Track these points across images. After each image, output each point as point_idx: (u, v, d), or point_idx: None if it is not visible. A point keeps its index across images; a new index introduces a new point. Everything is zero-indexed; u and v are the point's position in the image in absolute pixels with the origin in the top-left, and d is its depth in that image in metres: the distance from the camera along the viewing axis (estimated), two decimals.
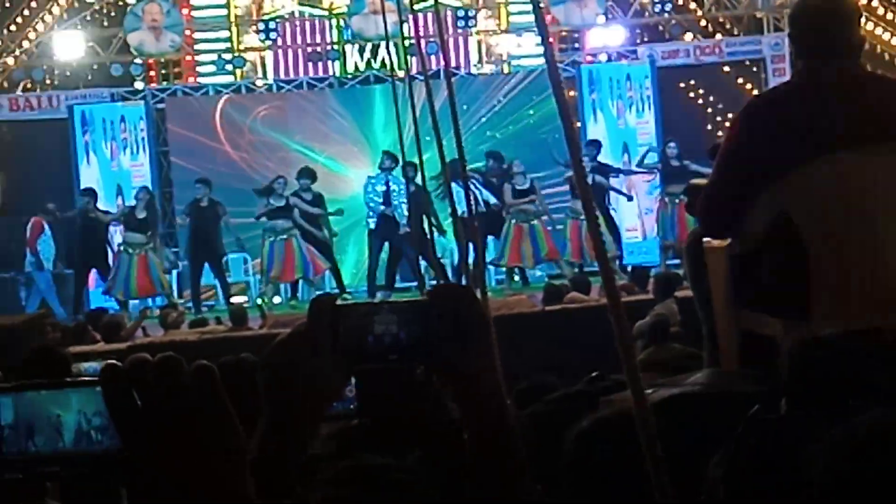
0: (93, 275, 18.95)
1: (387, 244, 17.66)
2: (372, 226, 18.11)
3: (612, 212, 18.69)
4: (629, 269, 16.74)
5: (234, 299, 18.02)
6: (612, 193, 18.87)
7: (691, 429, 2.94)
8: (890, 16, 22.16)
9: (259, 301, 17.88)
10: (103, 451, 1.44)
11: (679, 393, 3.22)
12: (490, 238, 17.47)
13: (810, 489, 1.84)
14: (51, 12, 21.63)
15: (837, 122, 3.65)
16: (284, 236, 17.61)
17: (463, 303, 1.73)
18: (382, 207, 17.78)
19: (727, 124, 3.90)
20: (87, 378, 1.46)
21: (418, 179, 13.62)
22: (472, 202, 4.80)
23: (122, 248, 18.02)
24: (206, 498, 1.30)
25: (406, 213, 17.07)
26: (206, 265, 18.13)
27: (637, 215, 20.10)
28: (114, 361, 1.34)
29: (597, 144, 18.94)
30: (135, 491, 1.34)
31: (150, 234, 18.03)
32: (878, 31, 21.60)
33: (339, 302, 1.74)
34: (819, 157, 3.61)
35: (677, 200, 17.76)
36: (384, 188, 17.86)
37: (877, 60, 20.96)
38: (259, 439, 1.69)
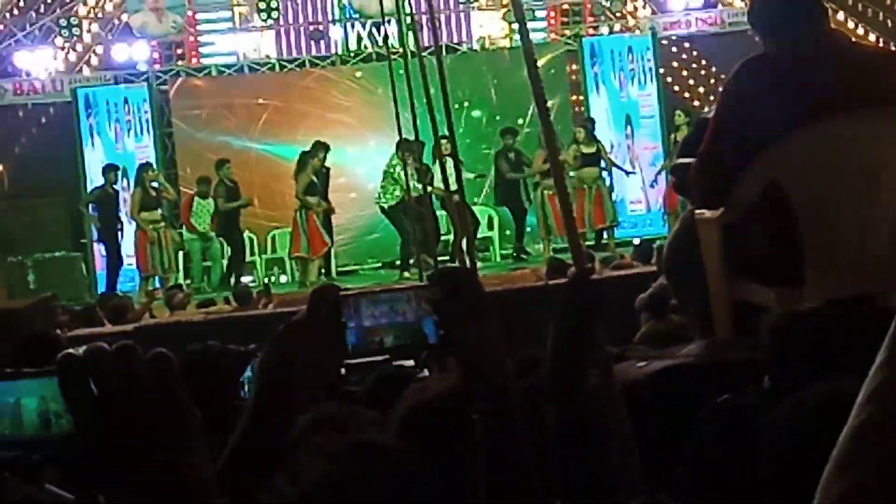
0: (98, 255, 19.03)
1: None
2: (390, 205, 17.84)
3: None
4: (635, 242, 16.77)
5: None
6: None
7: (684, 399, 2.95)
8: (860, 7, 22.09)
9: (265, 280, 17.92)
10: (64, 435, 1.46)
11: (672, 364, 3.24)
12: None
13: (763, 468, 1.86)
14: None
15: (824, 89, 3.66)
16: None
17: (465, 285, 1.76)
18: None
19: None
20: (42, 369, 1.48)
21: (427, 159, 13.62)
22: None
23: (145, 226, 17.98)
24: (161, 484, 1.31)
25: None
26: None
27: (641, 188, 20.08)
28: (71, 351, 1.35)
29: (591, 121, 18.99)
30: (92, 476, 1.36)
31: (160, 212, 18.15)
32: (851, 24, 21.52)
33: (340, 293, 1.75)
34: (806, 124, 3.62)
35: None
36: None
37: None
38: (245, 421, 1.70)
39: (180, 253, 18.85)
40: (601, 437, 2.27)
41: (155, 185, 18.15)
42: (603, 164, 18.50)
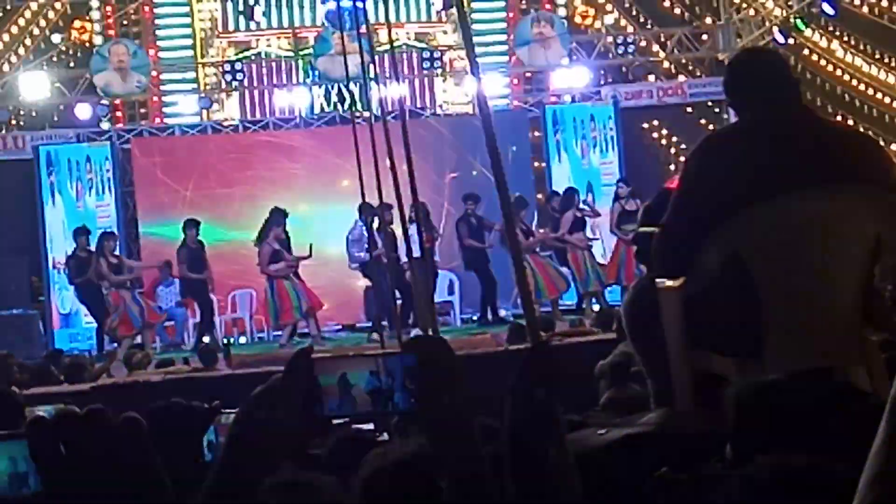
0: (56, 313, 18.88)
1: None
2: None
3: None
4: (597, 309, 16.85)
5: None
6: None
7: (643, 468, 2.95)
8: (825, 43, 22.43)
9: (224, 341, 17.84)
10: (32, 495, 1.45)
11: (631, 433, 3.24)
12: None
13: None
14: (17, 53, 21.59)
15: (787, 164, 3.70)
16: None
17: (439, 353, 1.77)
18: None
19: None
20: (12, 432, 1.47)
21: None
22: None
23: (112, 289, 17.91)
24: None
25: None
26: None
27: (602, 255, 20.17)
28: (40, 413, 1.35)
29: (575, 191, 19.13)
30: None
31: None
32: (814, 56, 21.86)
33: (314, 356, 1.76)
34: (769, 198, 3.65)
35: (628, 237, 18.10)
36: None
37: (815, 90, 21.23)
38: (212, 481, 1.69)
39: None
40: None
41: (116, 253, 18.12)
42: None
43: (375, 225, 14.77)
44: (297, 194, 20.03)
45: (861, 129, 12.06)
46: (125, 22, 22.21)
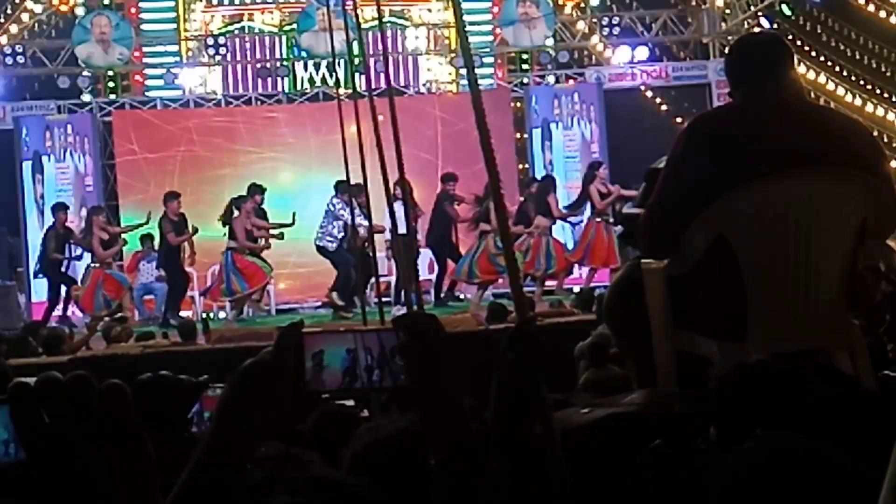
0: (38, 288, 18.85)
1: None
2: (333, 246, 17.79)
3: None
4: (575, 290, 16.87)
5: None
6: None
7: (627, 447, 2.96)
8: (822, 58, 22.48)
9: (203, 315, 17.81)
10: (10, 464, 1.44)
11: (614, 412, 3.25)
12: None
13: None
14: None
15: (773, 147, 3.70)
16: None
17: (430, 331, 1.77)
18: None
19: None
20: None
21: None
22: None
23: (102, 265, 17.92)
24: None
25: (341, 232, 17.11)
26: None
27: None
28: (22, 380, 1.34)
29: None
30: None
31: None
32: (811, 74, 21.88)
33: (304, 330, 1.75)
34: (754, 180, 3.66)
35: (598, 221, 18.14)
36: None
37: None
38: (199, 456, 1.68)
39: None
40: (543, 488, 2.28)
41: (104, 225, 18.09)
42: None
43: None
44: (278, 171, 20.00)
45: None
46: None
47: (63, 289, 18.27)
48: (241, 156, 20.33)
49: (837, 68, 22.58)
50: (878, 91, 22.40)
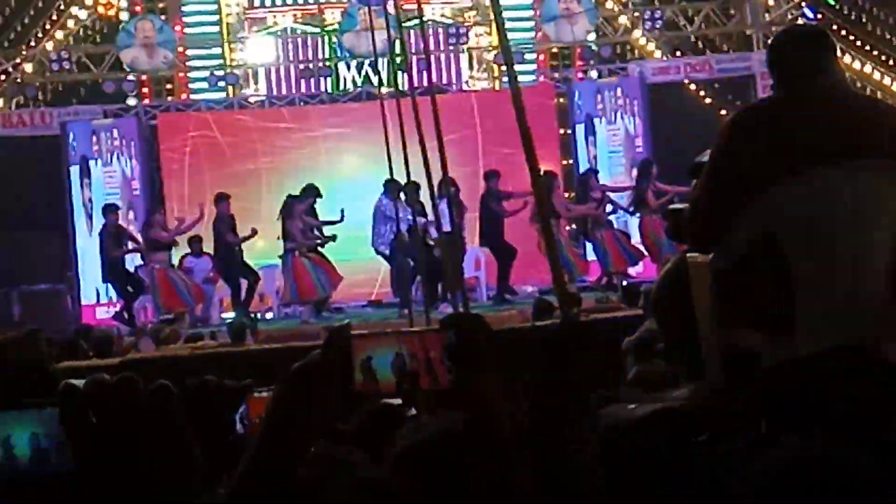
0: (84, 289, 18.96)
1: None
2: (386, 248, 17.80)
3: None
4: (622, 284, 16.84)
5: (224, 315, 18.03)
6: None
7: (675, 443, 2.95)
8: (868, 46, 22.29)
9: (252, 316, 17.90)
10: (56, 472, 1.44)
11: (662, 408, 3.24)
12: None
13: None
14: (43, 29, 21.66)
15: (820, 138, 3.68)
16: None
17: (479, 332, 1.78)
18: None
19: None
20: (39, 400, 1.46)
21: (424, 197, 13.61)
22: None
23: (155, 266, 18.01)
24: None
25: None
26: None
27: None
28: (71, 381, 1.35)
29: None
30: None
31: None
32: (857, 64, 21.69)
33: (352, 332, 1.76)
34: (801, 172, 3.63)
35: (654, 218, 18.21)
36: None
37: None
38: (250, 458, 1.69)
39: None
40: (577, 487, 2.27)
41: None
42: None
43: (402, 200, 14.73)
44: (323, 171, 20.05)
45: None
46: None
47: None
48: (286, 154, 20.41)
49: (883, 57, 22.38)
50: None
